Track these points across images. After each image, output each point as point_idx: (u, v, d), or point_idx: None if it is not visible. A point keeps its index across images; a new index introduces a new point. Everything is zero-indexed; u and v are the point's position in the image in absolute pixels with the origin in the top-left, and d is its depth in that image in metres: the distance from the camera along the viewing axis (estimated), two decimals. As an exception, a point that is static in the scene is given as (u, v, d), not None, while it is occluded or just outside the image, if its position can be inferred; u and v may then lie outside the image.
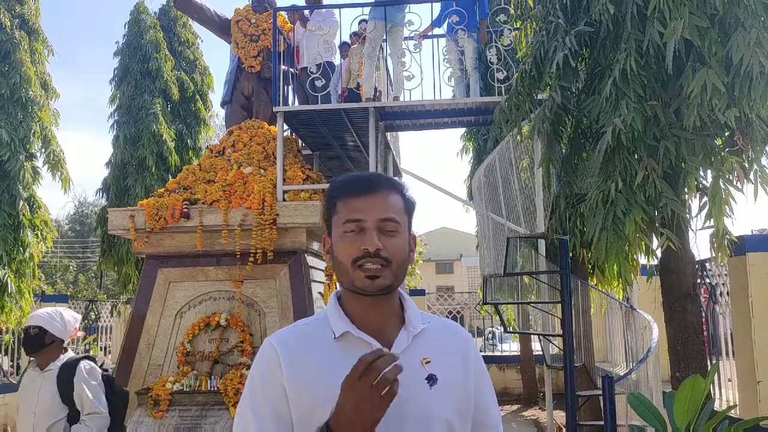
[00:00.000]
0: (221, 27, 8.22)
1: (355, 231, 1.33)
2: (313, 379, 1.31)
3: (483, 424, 1.44)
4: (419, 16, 6.96)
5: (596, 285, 6.67)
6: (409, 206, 1.41)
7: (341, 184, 1.41)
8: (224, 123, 8.74)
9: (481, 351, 10.96)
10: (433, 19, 7.21)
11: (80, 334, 6.82)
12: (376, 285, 1.32)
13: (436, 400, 1.31)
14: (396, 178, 1.46)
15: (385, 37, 6.78)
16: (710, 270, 6.69)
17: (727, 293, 6.30)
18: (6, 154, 9.27)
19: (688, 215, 4.37)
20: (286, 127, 7.03)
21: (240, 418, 1.37)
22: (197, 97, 13.90)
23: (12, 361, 10.78)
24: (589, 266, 6.47)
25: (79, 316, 4.07)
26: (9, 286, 9.25)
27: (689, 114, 3.95)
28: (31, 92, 9.70)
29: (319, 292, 6.83)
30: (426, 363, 1.34)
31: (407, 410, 1.29)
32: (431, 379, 1.32)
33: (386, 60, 6.88)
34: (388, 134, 7.60)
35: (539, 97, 5.32)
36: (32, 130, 9.70)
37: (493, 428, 1.46)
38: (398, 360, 1.14)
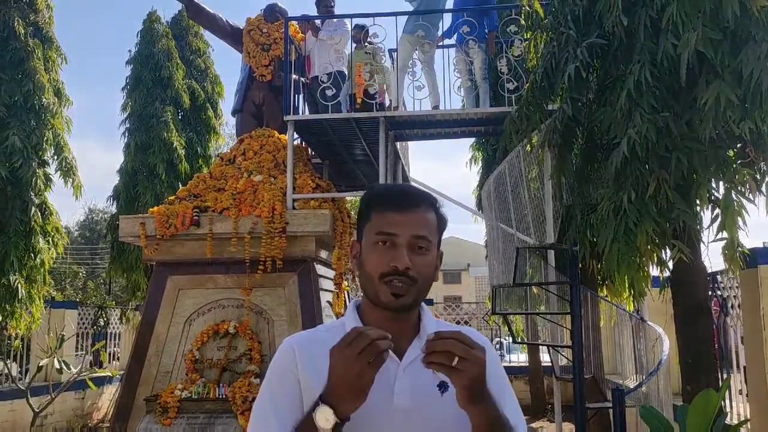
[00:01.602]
0: (233, 36, 8.27)
1: (387, 244, 1.34)
2: (324, 384, 1.32)
3: None
4: (430, 27, 6.98)
5: (606, 296, 6.64)
6: (441, 225, 1.42)
7: (379, 193, 1.41)
8: (234, 131, 8.79)
9: (489, 361, 10.83)
10: (444, 30, 7.26)
11: None
12: (400, 303, 1.33)
13: (448, 407, 1.31)
14: (432, 194, 1.47)
15: (416, 49, 6.90)
16: (721, 282, 6.64)
17: (738, 306, 6.25)
18: (18, 161, 9.34)
19: (699, 227, 4.35)
20: (296, 135, 7.06)
21: (257, 408, 1.38)
22: (208, 105, 13.99)
23: (21, 366, 10.82)
24: (599, 277, 6.45)
25: None
26: (20, 292, 9.30)
27: (704, 126, 3.94)
28: (44, 99, 9.78)
29: (328, 301, 6.84)
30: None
31: (419, 417, 1.31)
32: (442, 386, 1.33)
33: (396, 70, 6.92)
34: (398, 143, 7.62)
35: (549, 107, 5.32)
36: (45, 137, 9.78)
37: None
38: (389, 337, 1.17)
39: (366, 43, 7.24)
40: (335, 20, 7.41)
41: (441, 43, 7.28)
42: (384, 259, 1.32)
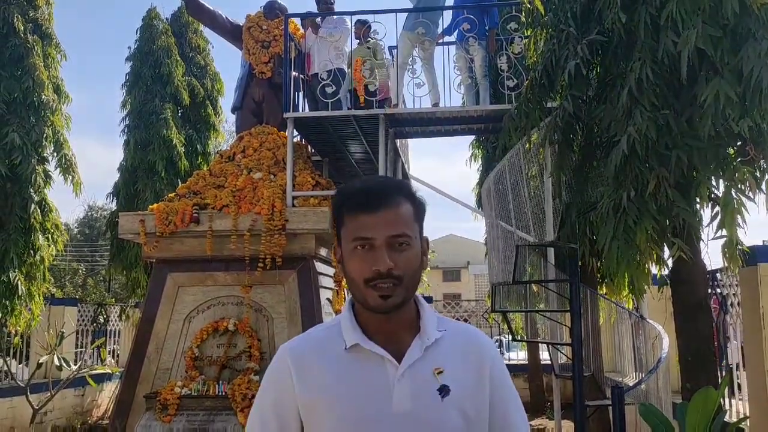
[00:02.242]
0: (233, 33, 8.26)
1: (365, 248, 1.31)
2: (323, 391, 1.32)
3: (502, 429, 1.39)
4: (430, 24, 6.97)
5: (605, 294, 6.64)
6: (419, 212, 1.38)
7: (348, 196, 1.37)
8: (234, 129, 8.78)
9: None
10: (444, 27, 7.25)
11: None
12: (389, 304, 1.31)
13: (448, 411, 1.30)
14: (403, 181, 1.44)
15: (416, 47, 6.89)
16: (721, 280, 6.64)
17: (738, 304, 6.25)
18: (18, 158, 9.33)
19: (699, 225, 4.35)
20: (296, 133, 7.05)
21: (249, 425, 1.40)
22: (207, 102, 13.96)
23: (20, 363, 10.82)
24: (599, 275, 6.45)
25: None
26: (19, 289, 9.30)
27: (703, 123, 3.94)
28: (43, 96, 9.77)
29: (327, 298, 6.84)
30: (438, 374, 1.32)
31: (418, 422, 1.29)
32: (443, 390, 1.31)
33: (396, 67, 6.91)
34: (398, 141, 7.61)
35: (549, 105, 5.32)
36: (44, 134, 9.77)
37: (516, 430, 1.40)
38: None
39: (368, 39, 7.22)
40: (335, 17, 7.40)
41: (441, 41, 7.27)
42: (365, 264, 1.30)
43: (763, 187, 4.10)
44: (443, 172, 69.22)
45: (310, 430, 1.33)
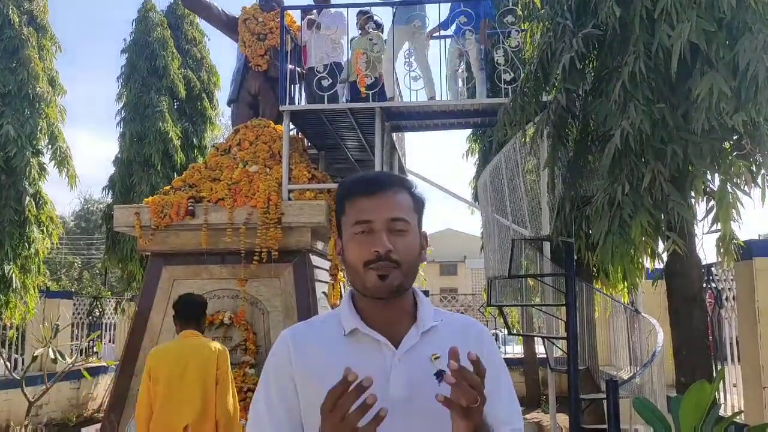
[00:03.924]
0: (228, 25, 8.22)
1: (364, 232, 1.33)
2: (320, 375, 1.32)
3: (488, 415, 1.36)
4: (427, 17, 6.95)
5: (601, 288, 6.65)
6: (418, 204, 1.40)
7: (348, 185, 1.41)
8: (230, 122, 8.74)
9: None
10: (441, 20, 7.22)
11: None
12: (387, 285, 1.32)
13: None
14: (403, 176, 1.46)
15: (408, 40, 6.85)
16: (716, 274, 6.65)
17: (733, 298, 6.26)
18: (12, 150, 9.31)
19: (694, 219, 4.34)
20: (292, 126, 7.03)
21: (254, 409, 1.40)
22: (203, 95, 13.90)
23: (17, 355, 10.80)
24: (594, 269, 6.46)
25: None
26: (14, 281, 9.29)
27: (697, 117, 3.93)
28: (38, 88, 9.73)
29: (323, 292, 6.83)
30: (435, 359, 1.33)
31: (415, 407, 1.30)
32: (440, 375, 1.31)
33: (393, 61, 6.88)
34: (394, 134, 7.60)
35: (544, 99, 5.30)
36: (39, 127, 9.73)
37: (501, 422, 1.38)
38: (371, 385, 1.11)
39: (369, 30, 7.17)
40: (332, 11, 7.37)
41: (437, 34, 7.24)
42: (365, 247, 1.32)
43: (759, 181, 4.10)
44: (440, 165, 69.23)
45: (306, 410, 1.33)
